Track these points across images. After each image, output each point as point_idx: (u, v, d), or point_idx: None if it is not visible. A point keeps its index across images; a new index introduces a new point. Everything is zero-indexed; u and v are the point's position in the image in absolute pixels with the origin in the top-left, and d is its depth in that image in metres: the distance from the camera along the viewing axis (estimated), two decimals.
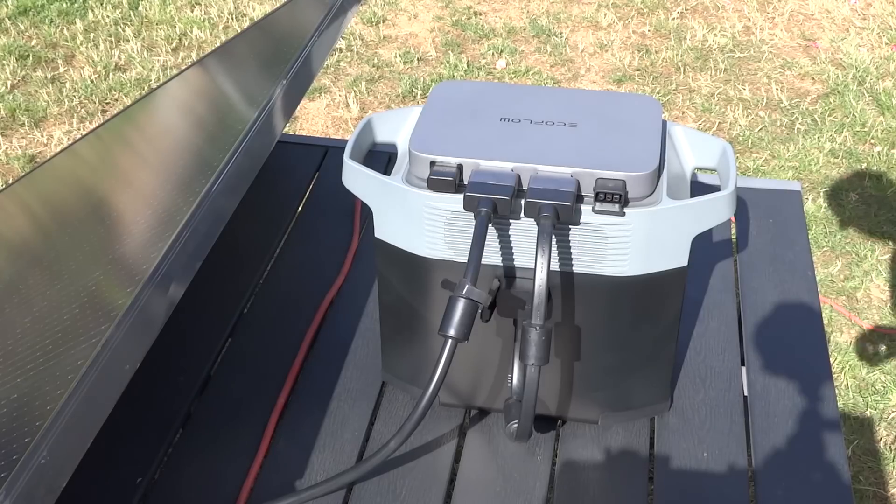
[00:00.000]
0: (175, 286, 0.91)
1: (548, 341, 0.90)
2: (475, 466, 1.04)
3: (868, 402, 2.18)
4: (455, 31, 3.48)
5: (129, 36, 3.39)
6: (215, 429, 1.08)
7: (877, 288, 2.44)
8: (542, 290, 0.89)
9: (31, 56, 3.25)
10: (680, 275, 0.98)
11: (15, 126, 2.95)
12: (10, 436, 0.74)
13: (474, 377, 1.06)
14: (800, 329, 1.20)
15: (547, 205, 0.90)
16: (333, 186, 1.45)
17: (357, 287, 1.27)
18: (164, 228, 0.96)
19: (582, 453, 1.05)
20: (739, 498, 1.01)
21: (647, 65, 3.29)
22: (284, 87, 1.19)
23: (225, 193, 1.01)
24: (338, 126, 3.00)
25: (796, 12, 3.62)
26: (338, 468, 1.03)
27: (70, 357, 0.81)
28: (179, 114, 1.49)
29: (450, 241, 0.97)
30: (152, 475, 1.03)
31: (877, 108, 3.09)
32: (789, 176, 2.82)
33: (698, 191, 0.95)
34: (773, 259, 1.31)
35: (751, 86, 3.19)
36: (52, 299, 0.97)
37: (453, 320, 0.89)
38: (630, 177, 0.92)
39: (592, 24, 3.52)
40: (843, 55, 3.35)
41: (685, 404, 1.10)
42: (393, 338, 1.09)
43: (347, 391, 1.12)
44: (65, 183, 1.38)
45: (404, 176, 0.97)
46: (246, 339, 1.19)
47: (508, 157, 0.94)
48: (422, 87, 3.15)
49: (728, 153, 1.02)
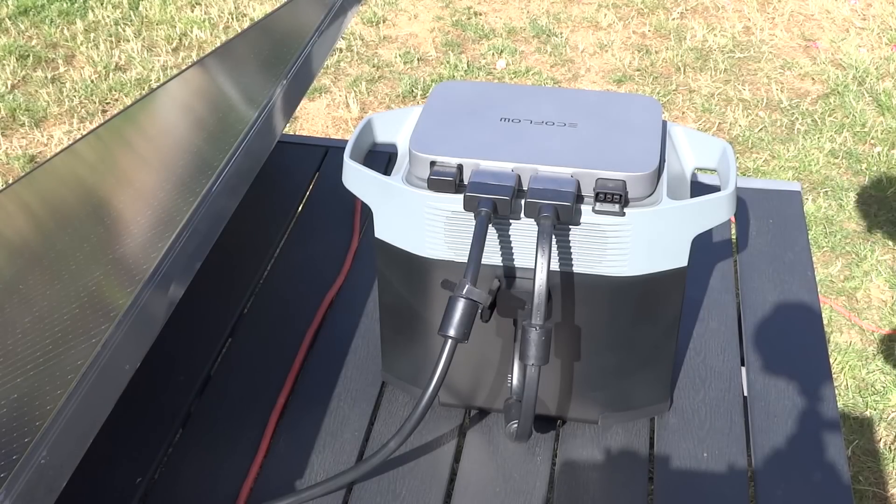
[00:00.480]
0: (175, 286, 0.91)
1: (548, 341, 0.90)
2: (475, 466, 1.04)
3: (868, 402, 2.18)
4: (455, 31, 3.48)
5: (129, 36, 3.39)
6: (215, 429, 1.08)
7: (877, 288, 2.45)
8: (542, 290, 0.89)
9: (31, 56, 3.26)
10: (680, 275, 0.98)
11: (15, 126, 2.95)
12: (10, 436, 0.74)
13: (474, 377, 1.06)
14: (800, 329, 1.20)
15: (547, 205, 0.90)
16: (333, 186, 1.45)
17: (357, 287, 1.27)
18: (164, 228, 0.96)
19: (582, 453, 1.05)
20: (739, 498, 1.01)
21: (647, 65, 3.29)
22: (284, 88, 1.19)
23: (225, 193, 1.01)
24: (338, 126, 3.00)
25: (796, 12, 3.62)
26: (338, 468, 1.03)
27: (70, 357, 0.81)
28: (179, 114, 1.49)
29: (450, 241, 0.97)
30: (152, 475, 1.03)
31: (877, 108, 3.09)
32: (789, 176, 2.82)
33: (698, 191, 0.95)
34: (773, 259, 1.31)
35: (751, 86, 3.20)
36: (52, 299, 0.98)
37: (453, 320, 0.89)
38: (630, 177, 0.92)
39: (592, 24, 3.52)
40: (843, 55, 3.35)
41: (685, 404, 1.10)
42: (393, 338, 1.09)
43: (347, 391, 1.12)
44: (65, 183, 1.38)
45: (404, 176, 0.97)
46: (246, 339, 1.19)
47: (508, 157, 0.94)
48: (422, 87, 3.15)
49: (728, 153, 1.02)
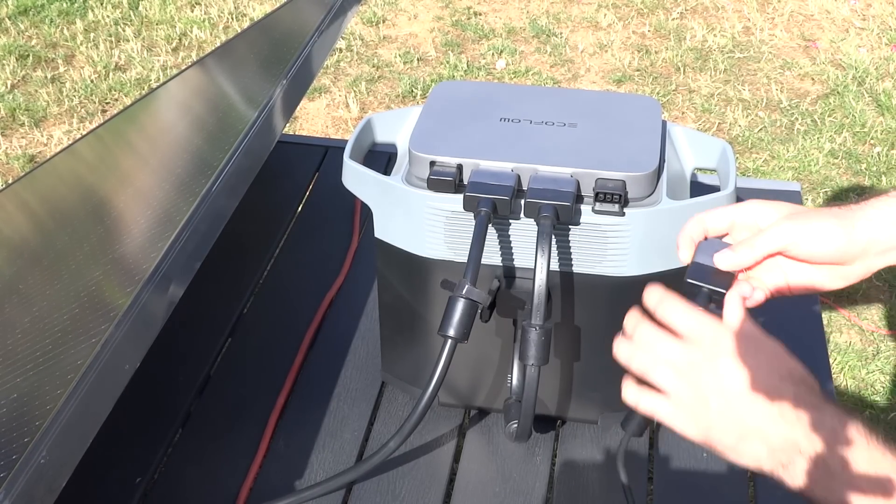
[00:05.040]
0: (175, 286, 0.90)
1: (547, 341, 0.90)
2: (475, 466, 1.04)
3: (868, 402, 2.17)
4: (455, 32, 3.48)
5: (129, 36, 3.39)
6: (215, 429, 1.08)
7: (877, 288, 2.44)
8: (542, 290, 0.89)
9: (31, 56, 3.25)
10: (680, 275, 0.97)
11: (15, 126, 2.95)
12: (10, 436, 0.74)
13: (474, 377, 1.06)
14: (800, 329, 1.20)
15: (547, 205, 0.90)
16: (333, 186, 1.45)
17: (357, 287, 1.26)
18: (164, 228, 0.96)
19: (582, 453, 1.05)
20: (739, 498, 1.01)
21: (647, 65, 3.29)
22: (284, 87, 1.19)
23: (225, 193, 1.01)
24: (338, 126, 3.00)
25: (796, 13, 3.61)
26: (337, 468, 1.03)
27: (70, 357, 0.81)
28: (179, 114, 1.49)
29: (450, 242, 0.96)
30: (152, 475, 1.02)
31: (876, 108, 3.09)
32: (789, 176, 2.81)
33: (698, 191, 0.95)
34: None
35: (750, 86, 3.19)
36: (51, 299, 0.97)
37: (453, 320, 0.89)
38: (630, 177, 0.92)
39: (592, 24, 3.52)
40: (842, 56, 3.35)
41: None
42: (393, 338, 1.09)
43: (347, 391, 1.12)
44: (65, 183, 1.38)
45: (404, 176, 0.97)
46: (246, 339, 1.19)
47: (508, 158, 0.94)
48: (422, 87, 3.15)
49: (728, 153, 1.02)
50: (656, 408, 0.76)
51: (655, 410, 0.76)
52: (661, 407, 0.76)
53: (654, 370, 0.76)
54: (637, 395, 0.77)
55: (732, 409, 0.72)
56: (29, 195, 1.36)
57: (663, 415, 0.76)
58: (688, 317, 0.76)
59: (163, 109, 1.54)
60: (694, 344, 0.74)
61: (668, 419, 0.76)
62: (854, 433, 0.69)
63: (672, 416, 0.75)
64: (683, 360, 0.74)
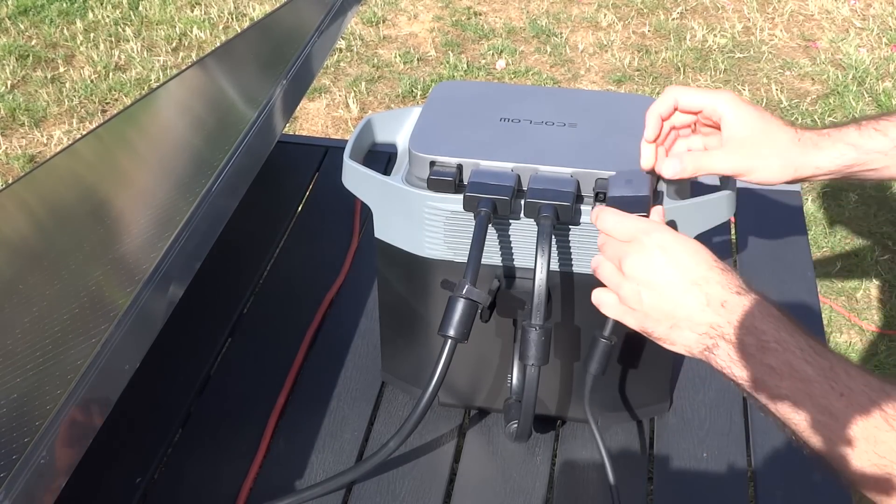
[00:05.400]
0: (175, 286, 0.90)
1: (547, 341, 0.90)
2: (475, 466, 1.04)
3: None
4: (455, 32, 3.48)
5: (129, 36, 3.39)
6: (215, 429, 1.08)
7: (877, 288, 2.44)
8: (542, 290, 0.89)
9: (31, 56, 3.25)
10: None
11: (15, 126, 2.95)
12: (10, 436, 0.74)
13: (474, 377, 1.06)
14: None
15: (547, 205, 0.90)
16: (333, 186, 1.45)
17: (357, 287, 1.26)
18: (164, 228, 0.96)
19: (582, 453, 1.05)
20: (739, 498, 1.01)
21: (647, 65, 3.29)
22: (284, 87, 1.19)
23: (225, 193, 1.01)
24: (338, 126, 3.00)
25: (796, 13, 3.62)
26: (337, 468, 1.03)
27: (70, 357, 0.81)
28: (179, 114, 1.49)
29: (450, 242, 0.96)
30: (152, 475, 1.02)
31: (877, 108, 3.09)
32: None
33: (698, 191, 0.95)
34: (773, 259, 1.31)
35: (750, 86, 3.19)
36: (51, 299, 0.98)
37: (453, 320, 0.89)
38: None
39: (592, 24, 3.52)
40: (842, 56, 3.35)
41: (685, 404, 1.10)
42: (393, 338, 1.09)
43: (347, 391, 1.12)
44: (65, 183, 1.38)
45: (404, 176, 0.97)
46: (246, 339, 1.19)
47: (508, 158, 0.94)
48: (422, 87, 3.15)
49: None
50: (602, 300, 0.83)
51: (600, 303, 0.84)
52: (608, 301, 0.83)
53: (600, 269, 0.84)
54: (597, 295, 0.84)
55: (664, 300, 0.78)
56: (29, 195, 1.36)
57: (608, 309, 0.83)
58: (619, 222, 0.83)
59: (163, 109, 1.54)
60: (630, 244, 0.81)
61: (612, 313, 0.83)
62: (769, 317, 0.74)
63: (615, 309, 0.83)
64: (622, 258, 0.81)
